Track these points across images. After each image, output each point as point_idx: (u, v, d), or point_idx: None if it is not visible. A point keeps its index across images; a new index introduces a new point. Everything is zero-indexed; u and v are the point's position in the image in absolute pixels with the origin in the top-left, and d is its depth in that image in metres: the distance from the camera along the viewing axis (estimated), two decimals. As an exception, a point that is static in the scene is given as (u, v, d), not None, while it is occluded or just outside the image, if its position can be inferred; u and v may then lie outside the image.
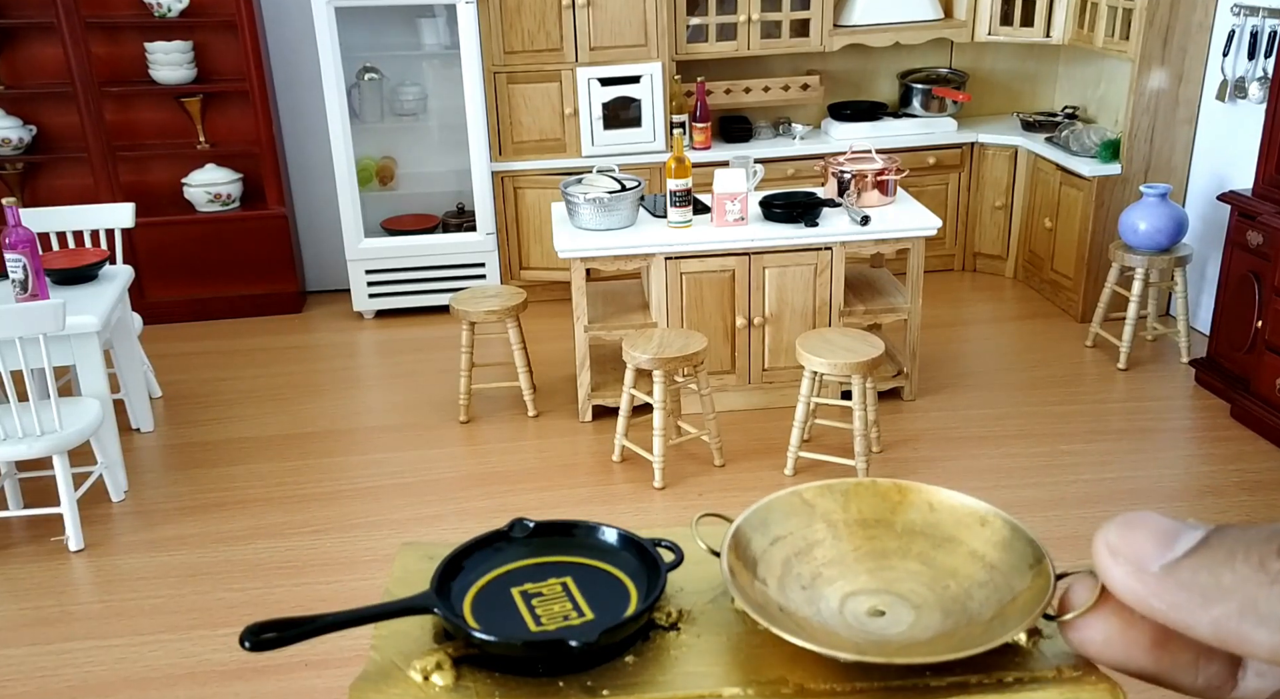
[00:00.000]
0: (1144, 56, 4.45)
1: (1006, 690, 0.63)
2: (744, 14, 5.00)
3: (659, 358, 3.42)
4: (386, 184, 5.23)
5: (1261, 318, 3.80)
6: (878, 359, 3.41)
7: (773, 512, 0.76)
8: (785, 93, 5.24)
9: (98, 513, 3.51)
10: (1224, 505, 3.39)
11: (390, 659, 0.66)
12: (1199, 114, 4.58)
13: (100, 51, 4.88)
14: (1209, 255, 4.52)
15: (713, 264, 3.84)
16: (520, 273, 5.17)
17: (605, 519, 0.83)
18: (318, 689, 2.65)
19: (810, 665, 0.66)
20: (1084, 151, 4.74)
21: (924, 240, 3.89)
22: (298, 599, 2.99)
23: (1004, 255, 5.41)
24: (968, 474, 3.60)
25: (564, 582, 0.71)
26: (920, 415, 4.02)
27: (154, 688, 2.72)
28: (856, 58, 5.37)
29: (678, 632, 0.70)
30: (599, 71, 4.86)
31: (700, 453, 3.77)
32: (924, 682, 0.63)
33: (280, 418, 4.16)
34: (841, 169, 4.06)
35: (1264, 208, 3.84)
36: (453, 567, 0.71)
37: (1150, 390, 4.23)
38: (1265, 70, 4.20)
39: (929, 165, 5.19)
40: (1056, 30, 4.99)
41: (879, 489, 0.78)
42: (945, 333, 4.76)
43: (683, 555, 0.74)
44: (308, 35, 4.81)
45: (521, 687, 0.63)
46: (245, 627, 0.76)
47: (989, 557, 0.73)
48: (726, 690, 0.64)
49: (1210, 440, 3.85)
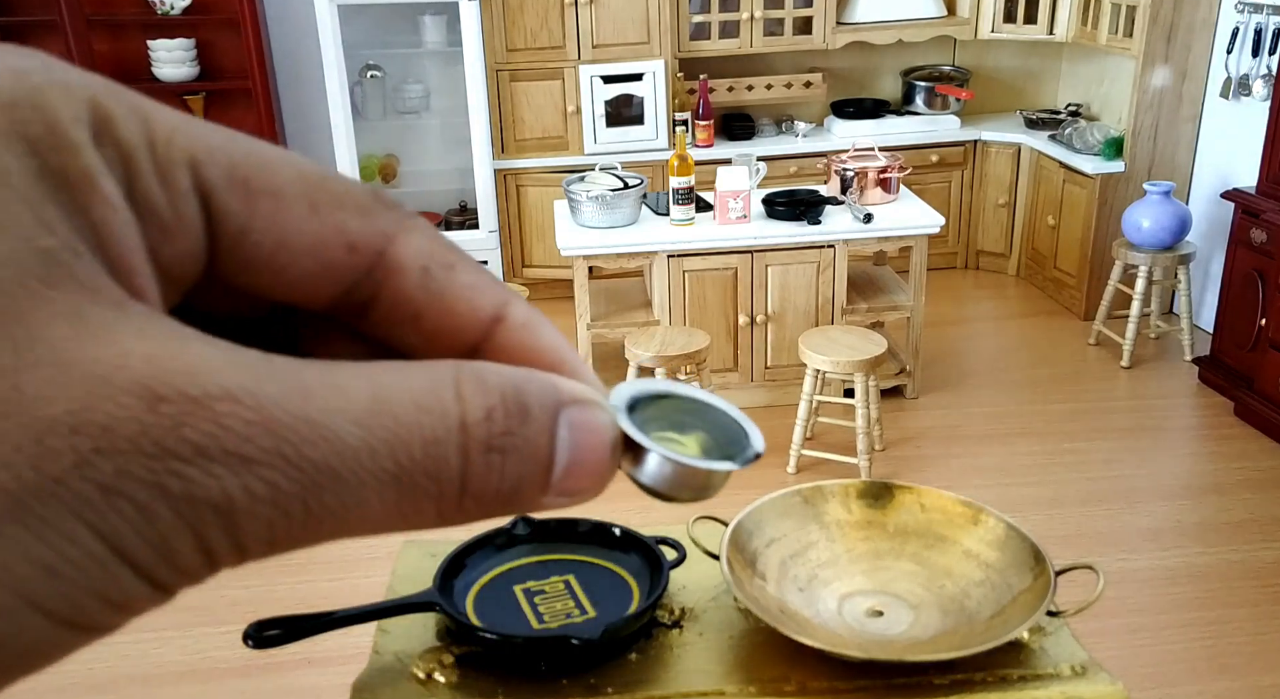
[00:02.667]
0: (1147, 54, 4.44)
1: (1010, 688, 0.63)
2: (747, 11, 4.99)
3: (661, 356, 3.42)
4: (389, 182, 5.23)
5: (1265, 315, 3.79)
6: (880, 357, 3.41)
7: (767, 513, 0.76)
8: (788, 90, 5.24)
9: (101, 510, 3.51)
10: (1227, 504, 3.39)
11: (393, 657, 0.66)
12: (1202, 111, 4.57)
13: (103, 49, 4.88)
14: (1212, 253, 4.52)
15: (715, 262, 3.84)
16: (523, 270, 5.17)
17: (607, 517, 0.83)
18: (320, 686, 2.65)
19: (812, 664, 0.66)
20: (1087, 149, 4.74)
21: (927, 238, 3.89)
22: (300, 596, 2.99)
23: (1007, 253, 5.41)
24: (970, 472, 3.60)
25: (566, 579, 0.72)
26: (923, 413, 4.01)
27: (157, 685, 2.73)
28: (859, 55, 5.37)
29: (680, 630, 0.70)
30: (601, 69, 4.85)
31: (703, 451, 3.77)
32: (927, 680, 0.63)
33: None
34: (844, 167, 4.05)
35: (1268, 205, 3.83)
36: (455, 564, 0.71)
37: (1153, 388, 4.22)
38: (1269, 67, 4.19)
39: (932, 163, 5.19)
40: (1060, 28, 4.98)
41: (871, 490, 0.78)
42: (948, 331, 4.76)
43: (685, 553, 0.74)
44: (310, 33, 4.81)
45: (524, 684, 0.63)
46: (249, 624, 0.77)
47: (984, 555, 0.73)
48: (729, 688, 0.64)
49: (1214, 438, 3.84)
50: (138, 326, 0.18)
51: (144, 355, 0.17)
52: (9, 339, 0.17)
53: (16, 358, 0.17)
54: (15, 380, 0.16)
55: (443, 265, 0.22)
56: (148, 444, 0.17)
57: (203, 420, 0.17)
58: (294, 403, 0.18)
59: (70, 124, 0.18)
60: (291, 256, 0.21)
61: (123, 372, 0.17)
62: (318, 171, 0.22)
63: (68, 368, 0.17)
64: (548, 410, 0.21)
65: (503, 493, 0.21)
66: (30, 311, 0.17)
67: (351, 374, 0.19)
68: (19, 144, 0.18)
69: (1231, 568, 3.06)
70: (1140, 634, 2.79)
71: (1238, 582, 3.00)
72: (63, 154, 0.18)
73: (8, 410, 0.16)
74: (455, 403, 0.20)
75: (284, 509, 0.18)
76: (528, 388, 0.21)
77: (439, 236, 0.23)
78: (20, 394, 0.16)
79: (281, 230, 0.21)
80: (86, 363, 0.17)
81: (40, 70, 0.19)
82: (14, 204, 0.17)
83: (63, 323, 0.17)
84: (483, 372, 0.21)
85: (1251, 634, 2.79)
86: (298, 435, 0.18)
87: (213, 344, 0.18)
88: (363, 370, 0.20)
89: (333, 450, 0.18)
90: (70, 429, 0.16)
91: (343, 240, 0.21)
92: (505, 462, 0.20)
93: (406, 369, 0.20)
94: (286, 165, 0.22)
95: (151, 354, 0.17)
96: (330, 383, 0.19)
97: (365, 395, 0.19)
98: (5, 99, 0.18)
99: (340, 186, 0.22)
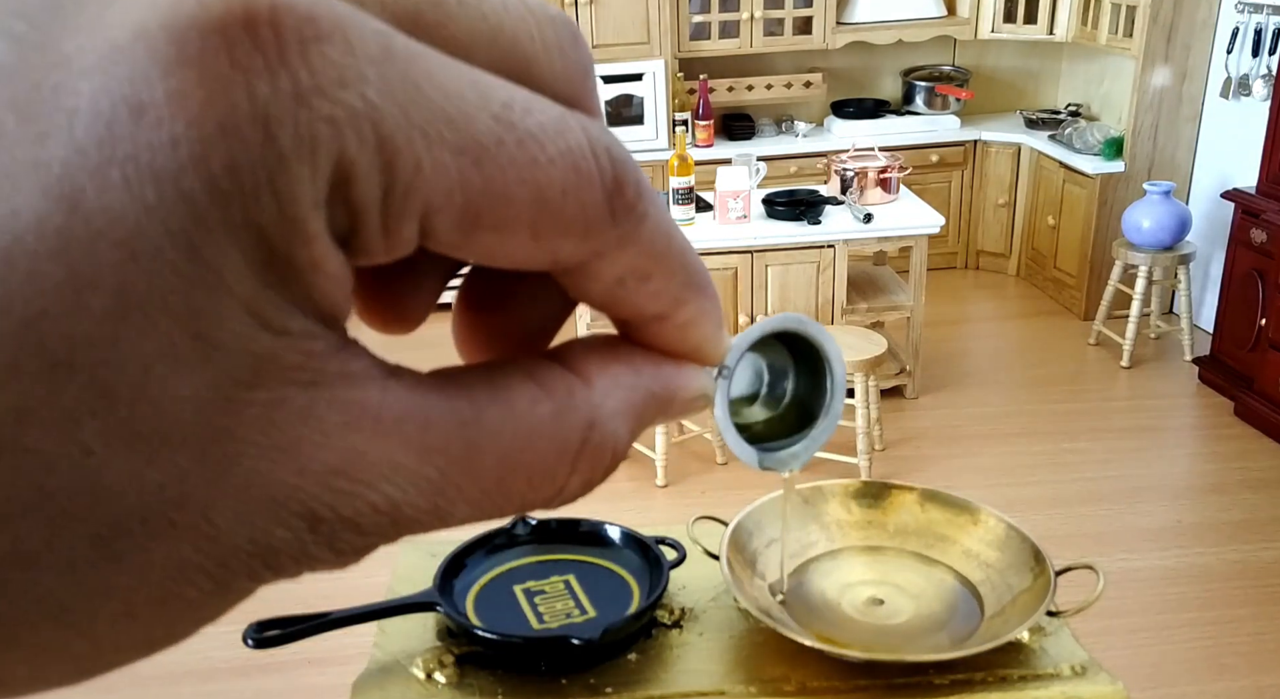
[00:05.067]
0: (1148, 54, 4.44)
1: (1009, 687, 0.63)
2: (747, 11, 4.99)
3: (661, 356, 3.42)
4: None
5: (1265, 316, 3.80)
6: (880, 357, 3.41)
7: (768, 513, 0.76)
8: (788, 90, 5.24)
9: (101, 510, 3.51)
10: (1227, 504, 3.39)
11: (393, 657, 0.66)
12: (1203, 111, 4.57)
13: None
14: (1212, 253, 4.52)
15: (715, 262, 3.84)
16: (523, 270, 5.17)
17: (607, 517, 0.83)
18: (320, 686, 2.65)
19: (812, 664, 0.66)
20: (1087, 149, 4.74)
21: (927, 238, 3.89)
22: (300, 596, 2.99)
23: (1007, 253, 5.41)
24: (970, 472, 3.60)
25: (566, 579, 0.72)
26: (923, 413, 4.01)
27: (156, 685, 2.73)
28: (859, 55, 5.37)
29: (680, 630, 0.70)
30: (601, 69, 4.85)
31: (703, 451, 3.77)
32: (927, 680, 0.63)
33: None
34: (844, 167, 4.05)
35: (1268, 205, 3.83)
36: (455, 564, 0.72)
37: (1153, 388, 4.22)
38: (1269, 68, 4.19)
39: (932, 163, 5.19)
40: (1060, 28, 4.98)
41: (871, 490, 0.79)
42: (948, 331, 4.76)
43: (685, 553, 0.74)
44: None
45: (524, 684, 0.63)
46: (249, 624, 0.77)
47: (984, 555, 0.73)
48: (729, 688, 0.64)
49: (1214, 438, 3.84)
50: (321, 421, 0.18)
51: (318, 471, 0.18)
52: (208, 470, 0.17)
53: (213, 488, 0.17)
54: (207, 513, 0.17)
55: (639, 277, 0.21)
56: (304, 561, 0.18)
57: (349, 537, 0.18)
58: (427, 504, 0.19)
59: (309, 210, 0.16)
60: (493, 262, 0.20)
61: (295, 496, 0.17)
62: (560, 184, 0.19)
63: (255, 492, 0.17)
64: (647, 424, 0.23)
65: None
66: (231, 431, 0.17)
67: (490, 441, 0.20)
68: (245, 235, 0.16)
69: (1231, 568, 3.06)
70: (1140, 634, 2.79)
71: (1238, 582, 3.00)
72: (293, 243, 0.16)
73: (198, 550, 0.17)
74: (564, 477, 0.21)
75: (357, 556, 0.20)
76: (639, 426, 0.22)
77: (655, 242, 0.21)
78: (212, 528, 0.17)
79: (495, 256, 0.20)
80: (273, 486, 0.17)
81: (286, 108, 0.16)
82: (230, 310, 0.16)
83: (258, 433, 0.17)
84: (607, 432, 0.21)
85: (1251, 634, 2.79)
86: (416, 523, 0.19)
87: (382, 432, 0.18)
88: (500, 436, 0.20)
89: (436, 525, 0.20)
90: (249, 555, 0.18)
91: (551, 260, 0.20)
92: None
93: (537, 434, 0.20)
94: (522, 188, 0.18)
95: (325, 470, 0.18)
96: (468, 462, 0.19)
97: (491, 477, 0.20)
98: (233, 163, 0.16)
99: (574, 206, 0.19)
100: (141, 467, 0.16)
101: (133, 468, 0.16)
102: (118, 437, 0.16)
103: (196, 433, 0.16)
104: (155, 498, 0.16)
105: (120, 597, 0.17)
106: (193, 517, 0.17)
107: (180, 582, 0.17)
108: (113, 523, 0.16)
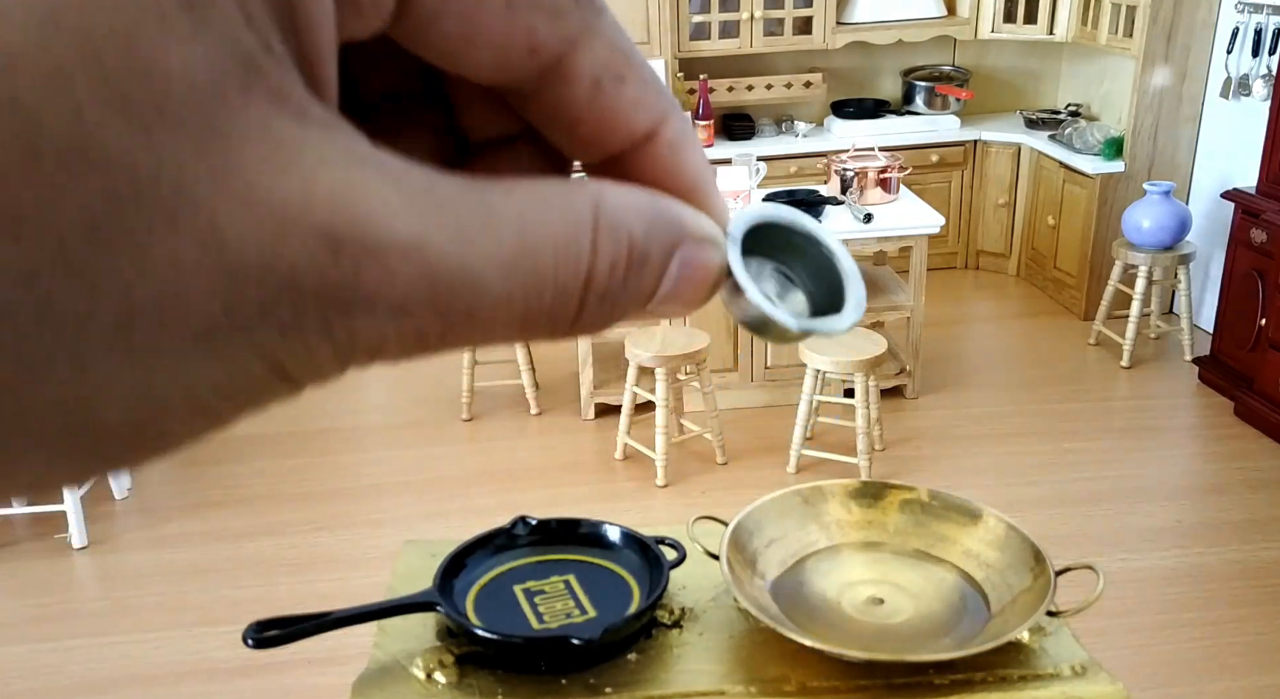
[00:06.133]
0: (1147, 54, 4.44)
1: (1010, 688, 0.63)
2: (746, 11, 4.99)
3: (662, 355, 3.42)
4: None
5: (1265, 315, 3.79)
6: (880, 357, 3.41)
7: (768, 513, 0.76)
8: (788, 90, 5.24)
9: (101, 510, 3.51)
10: (1227, 503, 3.39)
11: (393, 657, 0.66)
12: (1203, 111, 4.57)
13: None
14: (1212, 253, 4.52)
15: (715, 262, 3.84)
16: (523, 270, 5.17)
17: (607, 517, 0.83)
18: (320, 686, 2.65)
19: (812, 664, 0.66)
20: (1087, 149, 4.74)
21: (927, 238, 3.89)
22: (300, 596, 2.99)
23: (1007, 253, 5.41)
24: (970, 472, 3.60)
25: (566, 579, 0.72)
26: (923, 413, 4.01)
27: (157, 685, 2.73)
28: (859, 55, 5.37)
29: (680, 630, 0.70)
30: (602, 69, 4.85)
31: (703, 451, 3.77)
32: (927, 680, 0.63)
33: (283, 415, 4.16)
34: (844, 167, 4.05)
35: (1268, 205, 3.83)
36: (455, 564, 0.72)
37: (1153, 388, 4.22)
38: (1269, 68, 4.19)
39: (932, 163, 5.19)
40: (1060, 28, 4.98)
41: (871, 490, 0.79)
42: (948, 331, 4.76)
43: (685, 553, 0.74)
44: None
45: (524, 684, 0.63)
46: (248, 624, 0.77)
47: (984, 555, 0.73)
48: (729, 688, 0.64)
49: (1214, 438, 3.84)
50: (319, 150, 0.17)
51: (327, 191, 0.17)
52: (206, 165, 0.16)
53: (214, 188, 0.16)
54: (212, 218, 0.16)
55: (614, 77, 0.22)
56: (327, 294, 0.17)
57: (376, 273, 0.18)
58: (454, 251, 0.19)
59: None
60: (471, 49, 0.21)
61: (309, 213, 0.17)
62: None
63: (260, 206, 0.16)
64: (665, 253, 0.22)
65: (603, 324, 0.22)
66: (226, 130, 0.16)
67: (502, 201, 0.20)
68: None
69: (1231, 568, 3.06)
70: (1140, 634, 2.79)
71: (1238, 582, 3.00)
72: None
73: (204, 254, 0.16)
74: (589, 254, 0.20)
75: (422, 345, 0.19)
76: (653, 231, 0.22)
77: (618, 41, 0.22)
78: (218, 235, 0.16)
79: (471, 22, 0.20)
80: (277, 201, 0.16)
81: None
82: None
83: (254, 143, 0.16)
84: (617, 214, 0.21)
85: (1251, 634, 2.79)
86: (452, 289, 0.19)
87: (386, 173, 0.18)
88: (511, 199, 0.20)
89: (477, 299, 0.19)
90: (260, 277, 0.16)
91: (526, 42, 0.21)
92: (614, 306, 0.21)
93: (548, 204, 0.20)
94: None
95: (334, 190, 0.17)
96: (484, 219, 0.19)
97: (512, 236, 0.19)
98: None
99: None
100: (137, 139, 0.15)
101: (127, 138, 0.15)
102: (111, 101, 0.15)
103: (191, 117, 0.16)
104: (151, 177, 0.16)
105: (116, 297, 0.16)
106: (195, 216, 0.16)
107: (184, 297, 0.16)
108: (105, 193, 0.15)
